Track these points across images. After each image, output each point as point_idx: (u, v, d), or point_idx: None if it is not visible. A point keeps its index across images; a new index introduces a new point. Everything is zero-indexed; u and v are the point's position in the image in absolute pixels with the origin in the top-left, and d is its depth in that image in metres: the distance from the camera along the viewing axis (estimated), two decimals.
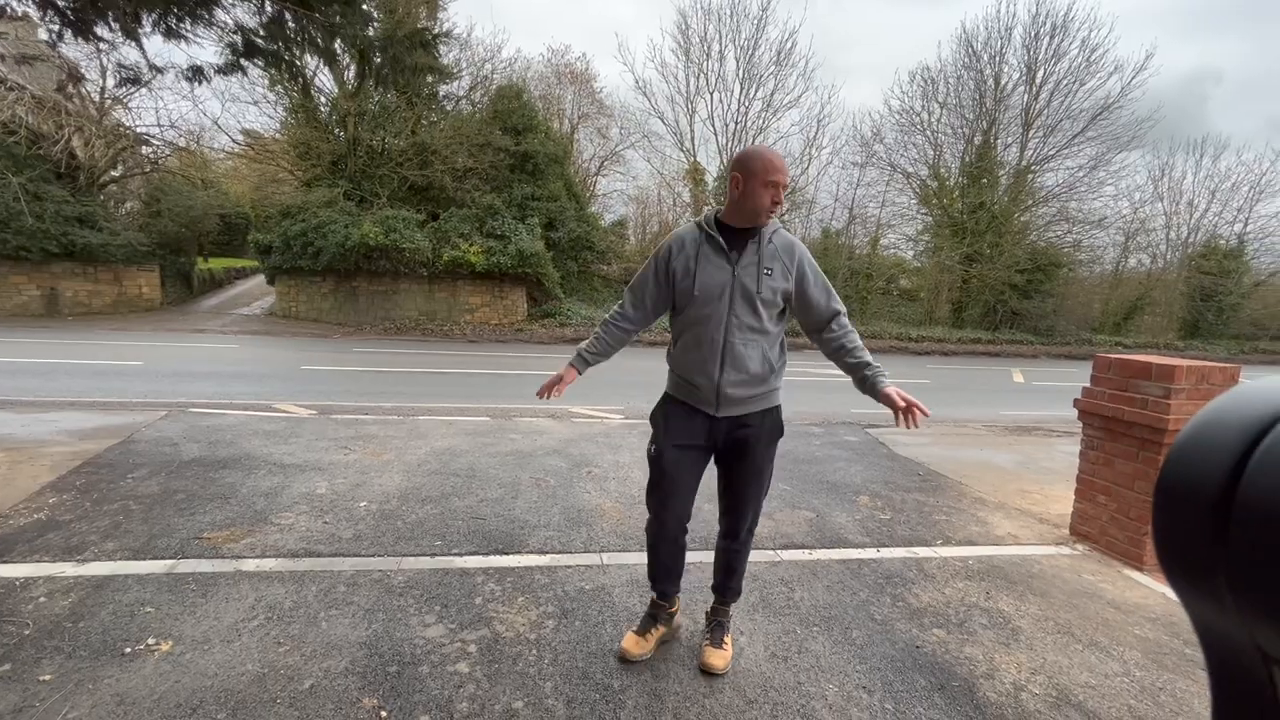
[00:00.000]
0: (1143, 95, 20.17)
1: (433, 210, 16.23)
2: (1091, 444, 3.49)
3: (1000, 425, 6.97)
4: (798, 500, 3.92)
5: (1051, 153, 20.08)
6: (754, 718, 1.95)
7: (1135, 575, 3.12)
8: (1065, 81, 19.60)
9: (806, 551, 3.19)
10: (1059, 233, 20.82)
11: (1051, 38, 19.56)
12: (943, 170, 21.06)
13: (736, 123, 19.95)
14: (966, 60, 20.37)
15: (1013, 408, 8.56)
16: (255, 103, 18.06)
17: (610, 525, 3.39)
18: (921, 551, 3.27)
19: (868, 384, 1.99)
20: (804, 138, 21.07)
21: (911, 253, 22.55)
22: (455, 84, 17.69)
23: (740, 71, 19.68)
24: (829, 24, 39.13)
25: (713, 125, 20.20)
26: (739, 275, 1.93)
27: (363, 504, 3.52)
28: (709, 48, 19.72)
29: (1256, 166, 22.09)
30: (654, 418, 2.14)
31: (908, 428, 1.89)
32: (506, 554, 2.99)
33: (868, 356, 2.02)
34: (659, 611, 2.26)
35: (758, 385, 2.00)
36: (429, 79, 16.11)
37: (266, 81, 16.06)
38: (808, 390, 8.49)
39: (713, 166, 20.40)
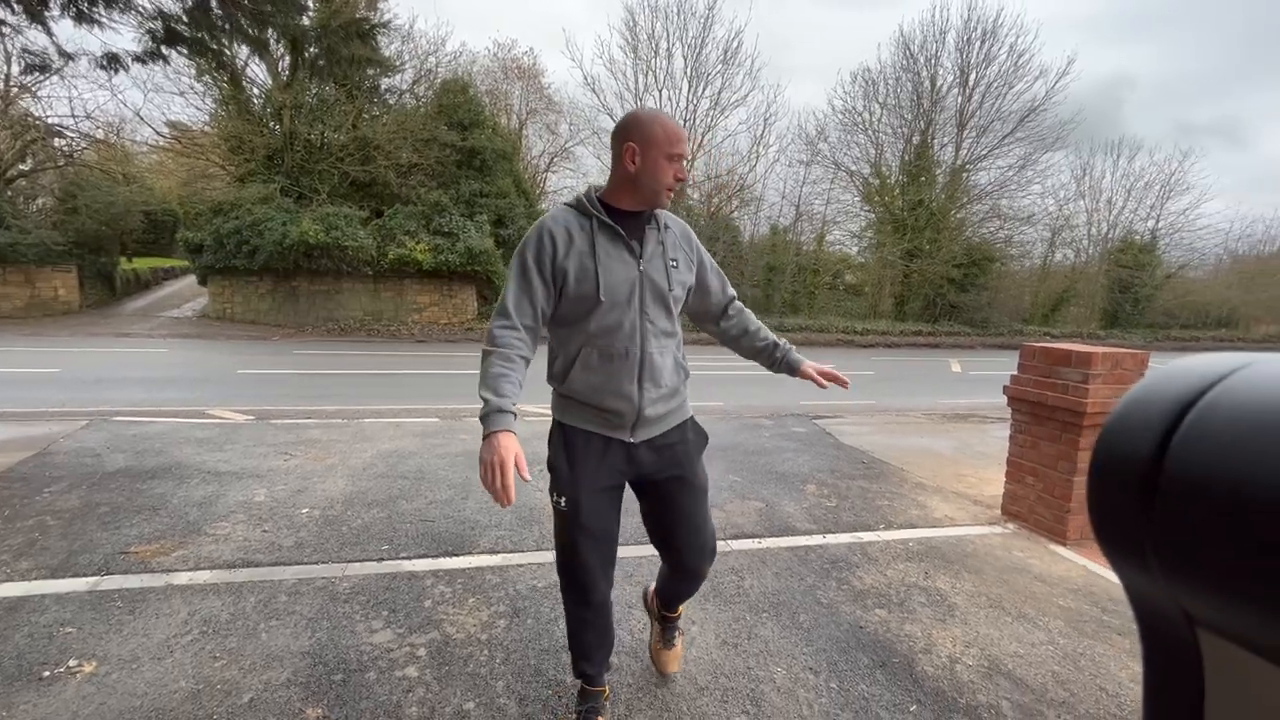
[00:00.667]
0: (1065, 99, 21.31)
1: (377, 207, 15.76)
2: (1019, 428, 3.69)
3: (939, 413, 7.28)
4: (748, 491, 4.00)
5: (984, 152, 21.08)
6: (705, 704, 1.99)
7: (1060, 550, 3.32)
8: (995, 84, 20.58)
9: (756, 540, 3.27)
10: (992, 229, 21.85)
11: (982, 43, 20.50)
12: (884, 168, 21.78)
13: (685, 120, 20.12)
14: (904, 63, 21.13)
15: (951, 396, 8.95)
16: (182, 93, 17.13)
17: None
18: (865, 536, 3.39)
19: (784, 363, 1.85)
20: (751, 135, 21.32)
21: (856, 249, 23.27)
22: (398, 77, 17.21)
23: (688, 69, 19.86)
24: (772, 24, 39.83)
25: None
26: (646, 271, 1.56)
27: (305, 510, 3.40)
28: (657, 45, 19.82)
29: (1166, 167, 23.67)
30: (553, 460, 1.64)
31: (840, 385, 1.83)
32: (457, 555, 2.94)
33: (772, 334, 1.89)
34: (593, 703, 1.80)
35: (674, 399, 1.69)
36: (369, 71, 15.66)
37: (193, 71, 15.24)
38: (756, 385, 8.66)
39: None
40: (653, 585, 2.04)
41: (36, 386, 6.90)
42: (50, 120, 15.49)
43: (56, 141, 15.95)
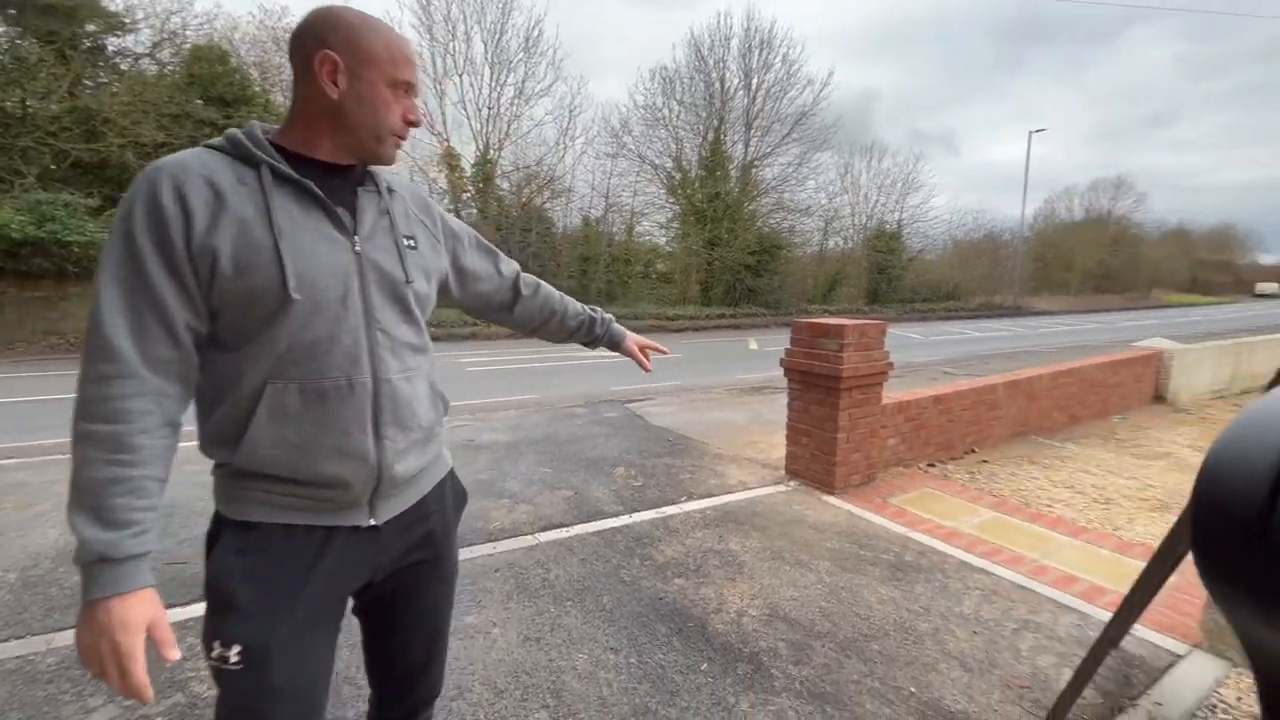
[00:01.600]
0: (829, 106, 24.57)
1: (111, 194, 13.00)
2: (794, 395, 4.13)
3: (738, 388, 7.95)
4: (558, 481, 3.99)
5: (768, 150, 23.47)
6: (504, 707, 1.92)
7: (829, 499, 3.79)
8: (774, 89, 22.97)
9: (565, 530, 3.26)
10: (778, 219, 24.41)
11: (761, 50, 22.72)
12: (684, 163, 23.19)
13: (489, 108, 19.54)
14: (697, 64, 22.64)
15: (748, 372, 9.83)
16: None
17: None
18: (669, 510, 3.56)
19: (606, 338, 1.52)
20: (558, 126, 21.44)
21: (664, 239, 24.52)
22: (130, 37, 14.32)
23: (489, 55, 19.23)
24: (573, 18, 40.27)
25: (465, 109, 19.49)
26: (366, 253, 0.99)
27: None
28: (454, 28, 18.87)
29: (905, 167, 28.47)
30: (219, 582, 0.94)
31: (659, 353, 1.64)
32: None
33: (585, 307, 1.50)
34: None
35: (429, 445, 1.13)
36: (89, 26, 12.85)
37: None
38: (569, 374, 8.73)
39: (468, 152, 19.72)
40: None
41: None
42: None
43: None
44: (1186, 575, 2.53)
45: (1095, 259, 42.07)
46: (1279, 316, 25.36)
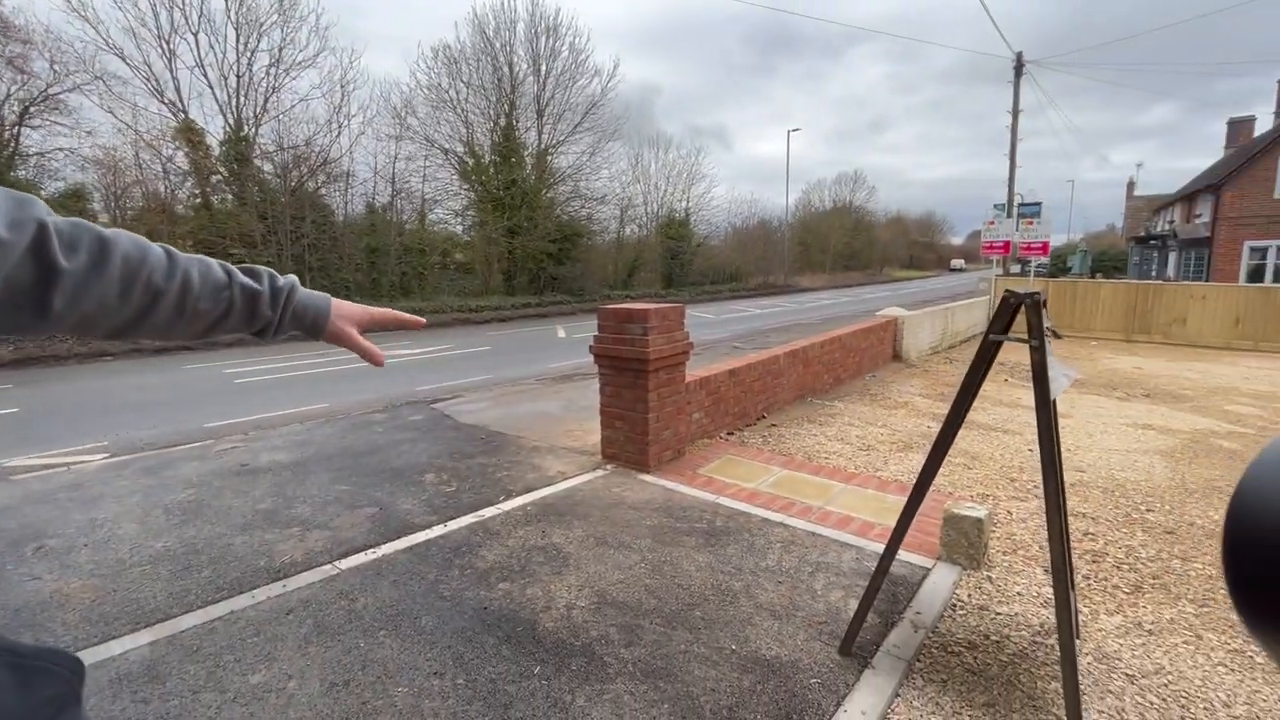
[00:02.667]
0: (616, 97, 25.45)
1: None
2: (606, 381, 4.19)
3: (549, 377, 7.90)
4: (358, 499, 3.58)
5: (562, 138, 23.54)
6: None
7: (645, 478, 3.93)
8: (563, 77, 23.03)
9: (370, 552, 2.94)
10: (576, 207, 24.69)
11: (548, 37, 22.58)
12: (477, 148, 22.28)
13: (239, 76, 16.72)
14: (483, 45, 21.76)
15: (558, 360, 9.83)
16: None
17: (82, 611, 2.44)
18: (487, 512, 3.40)
19: (289, 318, 0.84)
20: (330, 103, 19.03)
21: (461, 227, 23.40)
22: None
23: (232, 13, 16.40)
24: None
25: (205, 76, 16.43)
26: None
27: None
28: None
29: (689, 159, 30.61)
30: None
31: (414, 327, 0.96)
32: None
33: (243, 274, 0.79)
34: None
35: None
36: None
37: None
38: (361, 377, 7.94)
39: (214, 126, 16.71)
40: None
41: None
42: None
43: None
44: (929, 499, 3.03)
45: (843, 242, 49.54)
46: (968, 285, 32.20)
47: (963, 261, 76.13)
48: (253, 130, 16.93)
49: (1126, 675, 2.11)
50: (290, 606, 2.46)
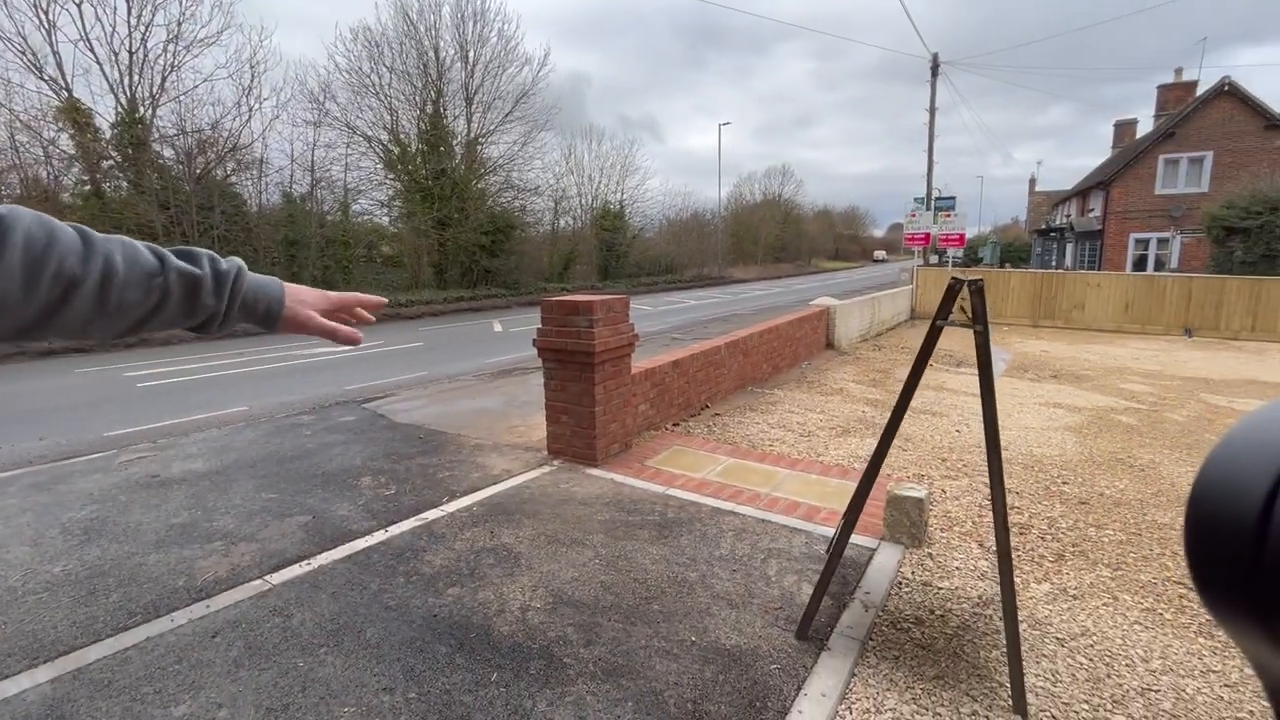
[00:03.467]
0: (548, 87, 25.00)
1: None
2: (550, 374, 4.10)
3: (488, 372, 7.69)
4: (288, 507, 3.36)
5: (492, 127, 22.88)
6: None
7: (594, 471, 3.88)
8: (492, 65, 22.33)
9: (305, 563, 2.75)
10: (509, 198, 24.12)
11: (475, 23, 21.84)
12: (402, 136, 21.34)
13: (132, 52, 15.28)
14: (407, 29, 20.80)
15: (496, 355, 9.59)
16: None
17: None
18: (431, 514, 3.26)
19: (239, 308, 0.73)
20: (238, 84, 17.69)
21: (388, 218, 22.40)
22: None
23: None
24: None
25: (92, 50, 14.91)
26: None
27: None
28: None
29: (622, 151, 30.48)
30: None
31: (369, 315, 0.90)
32: None
33: (178, 259, 0.66)
34: None
35: None
36: None
37: None
38: (285, 376, 7.48)
39: (104, 106, 15.22)
40: None
41: None
42: None
43: None
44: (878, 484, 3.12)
45: (773, 234, 50.83)
46: (890, 275, 33.75)
47: (884, 253, 79.83)
48: (149, 111, 15.55)
49: (1057, 639, 2.24)
50: (216, 628, 2.27)
